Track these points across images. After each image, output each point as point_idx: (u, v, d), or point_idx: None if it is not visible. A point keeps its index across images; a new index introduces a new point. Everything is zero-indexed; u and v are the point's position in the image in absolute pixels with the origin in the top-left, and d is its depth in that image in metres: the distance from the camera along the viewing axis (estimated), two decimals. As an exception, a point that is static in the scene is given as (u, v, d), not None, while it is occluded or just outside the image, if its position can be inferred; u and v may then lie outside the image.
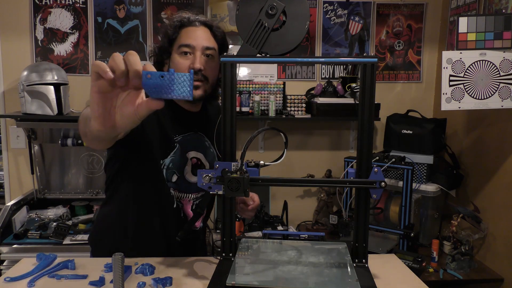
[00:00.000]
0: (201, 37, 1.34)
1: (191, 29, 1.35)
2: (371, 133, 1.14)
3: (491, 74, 1.99)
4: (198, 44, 1.33)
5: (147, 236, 1.42)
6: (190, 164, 1.43)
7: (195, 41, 1.33)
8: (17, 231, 2.29)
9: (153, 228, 1.41)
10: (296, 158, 2.92)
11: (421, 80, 2.97)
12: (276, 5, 1.14)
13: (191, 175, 1.43)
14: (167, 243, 1.42)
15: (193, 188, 1.44)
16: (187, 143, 1.42)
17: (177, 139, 1.41)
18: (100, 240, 1.49)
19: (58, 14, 2.66)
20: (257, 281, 1.06)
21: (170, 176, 1.40)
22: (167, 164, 1.38)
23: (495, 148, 2.34)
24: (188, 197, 1.44)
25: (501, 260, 2.25)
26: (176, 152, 1.40)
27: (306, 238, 1.32)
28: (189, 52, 1.33)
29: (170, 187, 1.40)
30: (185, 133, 1.43)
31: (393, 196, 2.53)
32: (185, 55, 1.33)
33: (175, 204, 1.42)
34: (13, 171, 2.73)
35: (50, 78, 2.41)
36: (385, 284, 1.18)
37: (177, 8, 2.73)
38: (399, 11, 2.90)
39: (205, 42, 1.34)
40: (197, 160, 1.45)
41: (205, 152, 1.47)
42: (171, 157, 1.39)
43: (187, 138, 1.43)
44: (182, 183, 1.42)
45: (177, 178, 1.41)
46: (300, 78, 2.89)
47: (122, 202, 1.43)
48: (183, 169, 1.41)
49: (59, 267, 1.24)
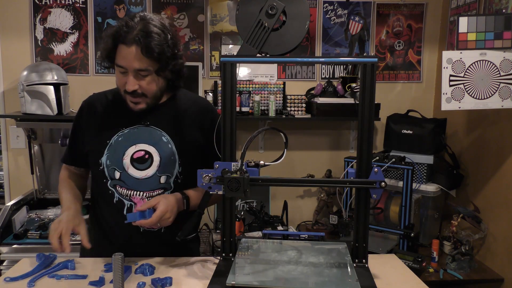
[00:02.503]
0: (131, 59, 1.29)
1: (123, 48, 1.30)
2: (371, 133, 1.14)
3: (491, 74, 1.99)
4: (130, 66, 1.31)
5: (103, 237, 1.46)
6: (129, 157, 1.40)
7: (126, 63, 1.31)
8: (17, 231, 2.29)
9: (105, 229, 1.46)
10: (296, 158, 2.92)
11: (421, 80, 2.97)
12: (276, 5, 1.14)
13: (133, 169, 1.40)
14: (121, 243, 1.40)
15: (142, 184, 1.40)
16: (134, 136, 1.41)
17: (123, 133, 1.41)
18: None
19: (58, 14, 2.66)
20: (257, 281, 1.06)
21: (112, 173, 1.41)
22: (104, 162, 1.41)
23: (495, 148, 2.33)
24: (139, 195, 1.40)
25: (501, 260, 2.25)
26: (111, 148, 1.41)
27: (306, 238, 1.32)
28: (123, 72, 1.33)
29: (117, 185, 1.41)
30: (132, 125, 1.42)
31: (393, 196, 2.53)
32: (121, 73, 1.34)
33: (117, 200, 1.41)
34: (13, 171, 2.73)
35: (50, 78, 2.41)
36: (385, 284, 1.17)
37: (177, 8, 2.73)
38: (399, 11, 2.90)
39: (135, 64, 1.30)
40: (145, 153, 1.41)
41: (158, 144, 1.41)
42: (106, 154, 1.41)
43: (134, 131, 1.42)
44: (127, 179, 1.40)
45: (120, 175, 1.40)
46: (300, 78, 2.89)
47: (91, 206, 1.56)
48: (122, 163, 1.40)
49: (59, 267, 1.24)
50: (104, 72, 2.72)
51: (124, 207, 1.40)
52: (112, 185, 1.41)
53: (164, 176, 1.40)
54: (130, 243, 1.41)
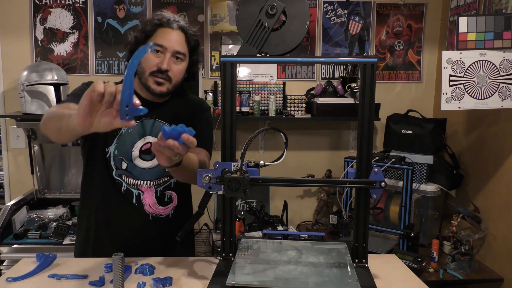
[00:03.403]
0: (174, 40, 1.40)
1: (167, 30, 1.41)
2: (371, 133, 1.14)
3: (491, 74, 1.99)
4: (170, 47, 1.40)
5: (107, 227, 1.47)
6: (138, 149, 1.44)
7: (168, 43, 1.40)
8: (17, 231, 2.29)
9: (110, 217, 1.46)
10: (296, 158, 2.92)
11: (421, 80, 2.97)
12: (276, 5, 1.14)
13: (140, 160, 1.45)
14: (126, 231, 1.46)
15: (149, 174, 1.46)
16: (143, 129, 1.45)
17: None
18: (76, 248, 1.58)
19: (58, 14, 2.66)
20: (257, 281, 1.06)
21: (119, 163, 1.44)
22: (112, 151, 1.44)
23: (495, 148, 2.33)
24: (146, 184, 1.45)
25: (501, 260, 2.25)
26: (121, 138, 1.44)
27: (306, 238, 1.32)
28: (160, 51, 1.40)
29: (122, 175, 1.44)
30: (140, 119, 1.45)
31: (393, 196, 2.53)
32: (156, 53, 1.40)
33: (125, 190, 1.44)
34: (13, 171, 2.73)
35: (50, 78, 2.41)
36: (385, 284, 1.18)
37: (177, 8, 2.73)
38: (399, 11, 2.90)
39: (177, 46, 1.41)
40: (151, 145, 1.42)
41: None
42: (115, 143, 1.44)
43: (142, 124, 1.46)
44: (134, 170, 1.45)
45: (127, 165, 1.44)
46: (300, 78, 2.89)
47: (83, 204, 1.53)
48: (130, 155, 1.44)
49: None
50: (104, 72, 2.72)
51: (133, 195, 1.45)
52: (117, 174, 1.44)
53: None
54: (140, 232, 1.45)
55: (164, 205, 1.49)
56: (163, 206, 1.48)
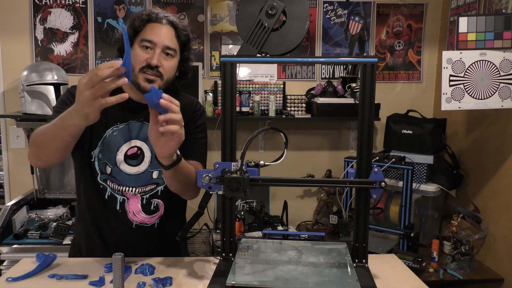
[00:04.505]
0: (164, 36, 1.36)
1: (157, 25, 1.36)
2: (371, 133, 1.14)
3: (491, 74, 1.99)
4: (160, 42, 1.34)
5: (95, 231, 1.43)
6: (123, 153, 1.39)
7: (158, 38, 1.35)
8: (17, 231, 2.29)
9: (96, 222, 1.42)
10: (296, 158, 2.92)
11: (421, 80, 2.97)
12: (276, 5, 1.14)
13: (125, 165, 1.39)
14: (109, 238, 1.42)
15: (134, 180, 1.40)
16: (128, 132, 1.40)
17: (117, 128, 1.39)
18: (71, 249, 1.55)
19: (58, 14, 2.66)
20: (257, 281, 1.06)
21: (103, 167, 1.39)
22: (96, 155, 1.39)
23: (495, 148, 2.33)
24: (131, 190, 1.40)
25: (501, 260, 2.25)
26: (105, 141, 1.39)
27: (306, 238, 1.32)
28: (149, 47, 1.35)
29: (107, 180, 1.39)
30: (127, 121, 1.40)
31: (393, 196, 2.53)
32: (145, 49, 1.35)
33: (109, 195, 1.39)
34: (13, 171, 2.73)
35: (50, 78, 2.41)
36: (385, 284, 1.18)
37: (177, 8, 2.73)
38: (399, 11, 2.90)
39: (167, 41, 1.36)
40: (138, 149, 1.40)
41: (148, 140, 1.36)
42: (100, 147, 1.39)
43: (128, 127, 1.40)
44: (118, 175, 1.39)
45: (111, 170, 1.39)
46: (300, 78, 2.89)
47: (78, 205, 1.50)
48: (114, 159, 1.39)
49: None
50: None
51: (117, 202, 1.40)
52: (102, 179, 1.40)
53: (156, 171, 1.41)
54: (122, 240, 1.41)
55: (150, 214, 1.42)
56: (148, 214, 1.42)
